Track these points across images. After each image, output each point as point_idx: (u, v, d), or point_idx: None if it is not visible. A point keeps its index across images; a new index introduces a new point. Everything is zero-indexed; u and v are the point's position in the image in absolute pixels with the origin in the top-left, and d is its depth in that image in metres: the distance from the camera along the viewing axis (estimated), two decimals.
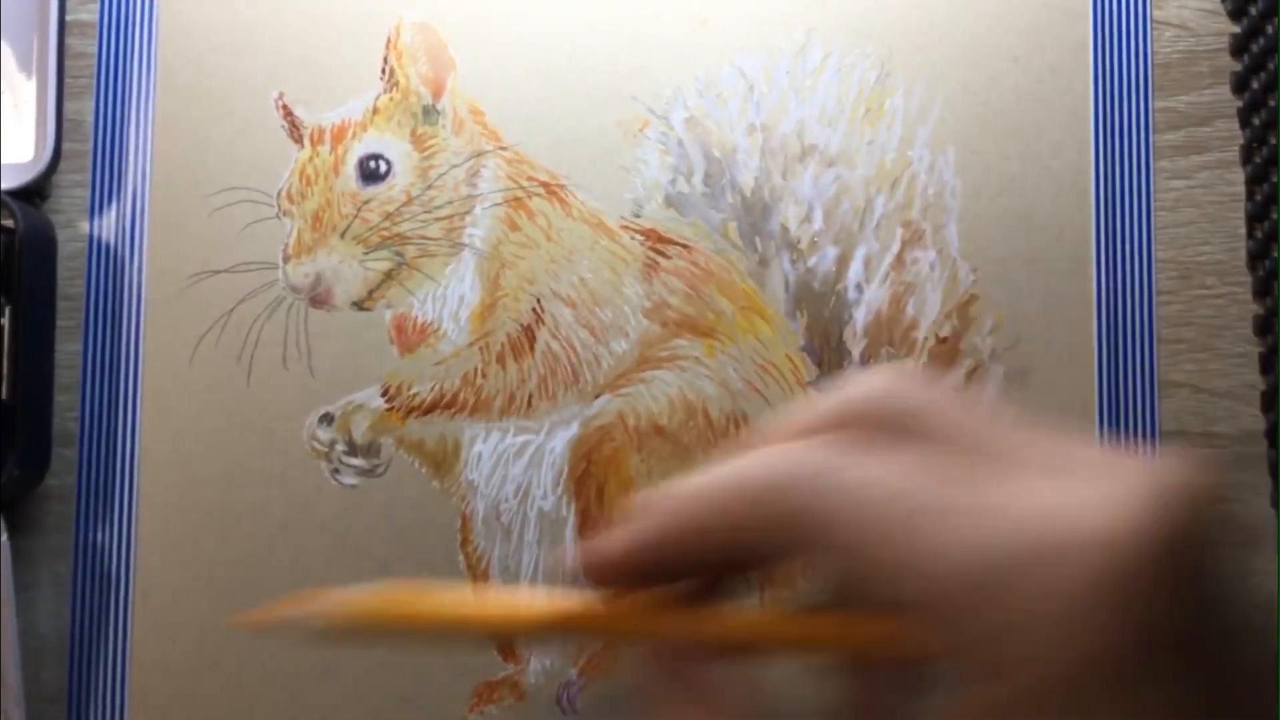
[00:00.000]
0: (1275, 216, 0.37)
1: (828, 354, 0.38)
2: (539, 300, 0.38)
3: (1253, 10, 0.38)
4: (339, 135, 0.38)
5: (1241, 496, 0.37)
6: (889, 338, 0.38)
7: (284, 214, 0.38)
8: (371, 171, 0.38)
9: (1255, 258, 0.38)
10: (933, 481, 0.22)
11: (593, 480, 0.38)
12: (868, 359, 0.38)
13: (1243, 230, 0.38)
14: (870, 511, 0.22)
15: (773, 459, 0.23)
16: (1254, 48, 0.38)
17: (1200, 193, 0.38)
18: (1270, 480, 0.37)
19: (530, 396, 0.38)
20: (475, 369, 0.38)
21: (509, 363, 0.38)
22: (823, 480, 0.22)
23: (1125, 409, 0.38)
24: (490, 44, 0.39)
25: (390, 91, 0.38)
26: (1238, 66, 0.38)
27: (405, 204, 0.38)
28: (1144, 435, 0.37)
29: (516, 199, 0.38)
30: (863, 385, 0.24)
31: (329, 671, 0.37)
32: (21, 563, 0.38)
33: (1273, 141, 0.37)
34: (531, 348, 0.38)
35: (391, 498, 0.38)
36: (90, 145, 0.39)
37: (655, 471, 0.38)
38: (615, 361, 0.38)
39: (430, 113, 0.38)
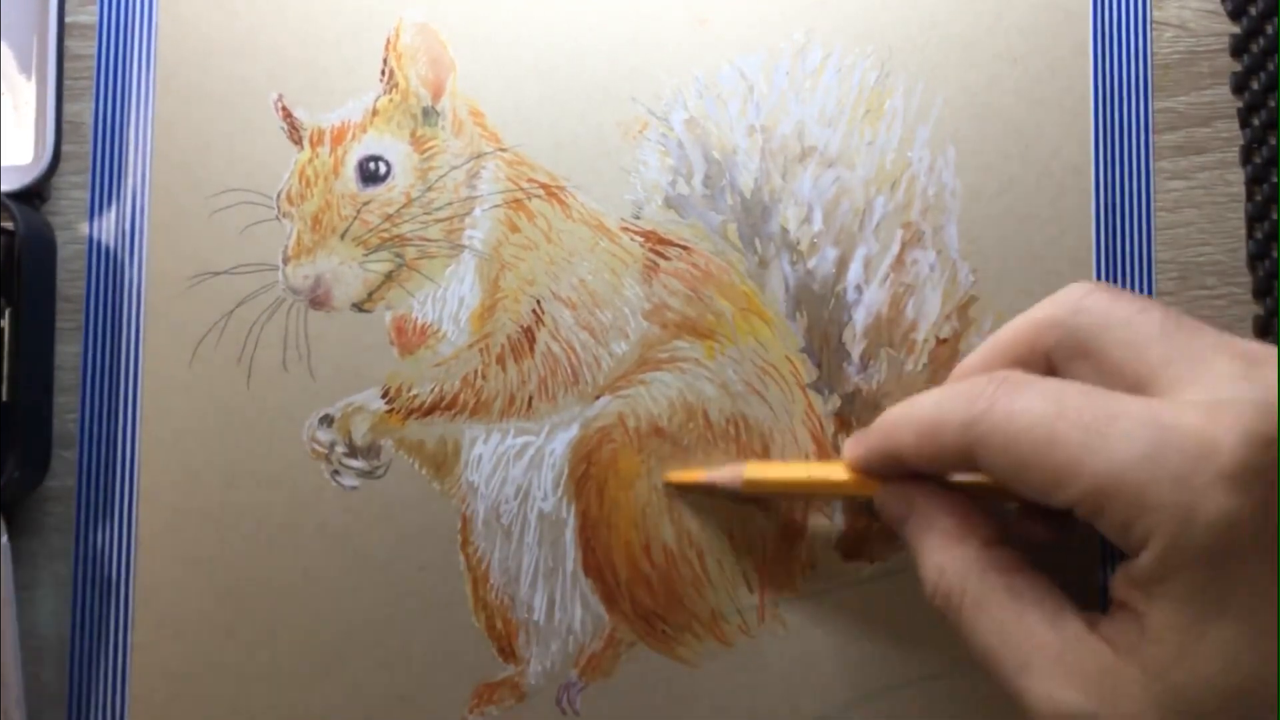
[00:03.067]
0: (1275, 216, 0.37)
1: (827, 355, 0.38)
2: (539, 302, 0.38)
3: (1253, 10, 0.38)
4: (339, 137, 0.38)
5: None
6: (889, 339, 0.38)
7: (284, 216, 0.38)
8: (371, 173, 0.38)
9: (1255, 258, 0.38)
10: (1073, 405, 0.28)
11: (593, 481, 0.38)
12: (867, 360, 0.38)
13: (1243, 230, 0.38)
14: (1020, 438, 0.29)
15: (944, 400, 0.31)
16: (1254, 48, 0.38)
17: (1200, 193, 0.38)
18: None
19: (530, 398, 0.38)
20: (475, 370, 0.38)
21: (509, 364, 0.38)
22: (979, 421, 0.29)
23: None
24: (490, 45, 0.39)
25: (390, 93, 0.38)
26: (1238, 67, 0.38)
27: (405, 205, 0.38)
28: None
29: (516, 201, 0.38)
30: (1050, 307, 0.32)
31: (329, 671, 0.37)
32: (21, 563, 0.38)
33: (1273, 141, 0.37)
34: (531, 349, 0.38)
35: (392, 499, 0.38)
36: (90, 147, 0.39)
37: (655, 472, 0.38)
38: (615, 363, 0.38)
39: (430, 114, 0.38)
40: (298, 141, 0.38)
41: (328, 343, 0.38)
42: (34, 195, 0.38)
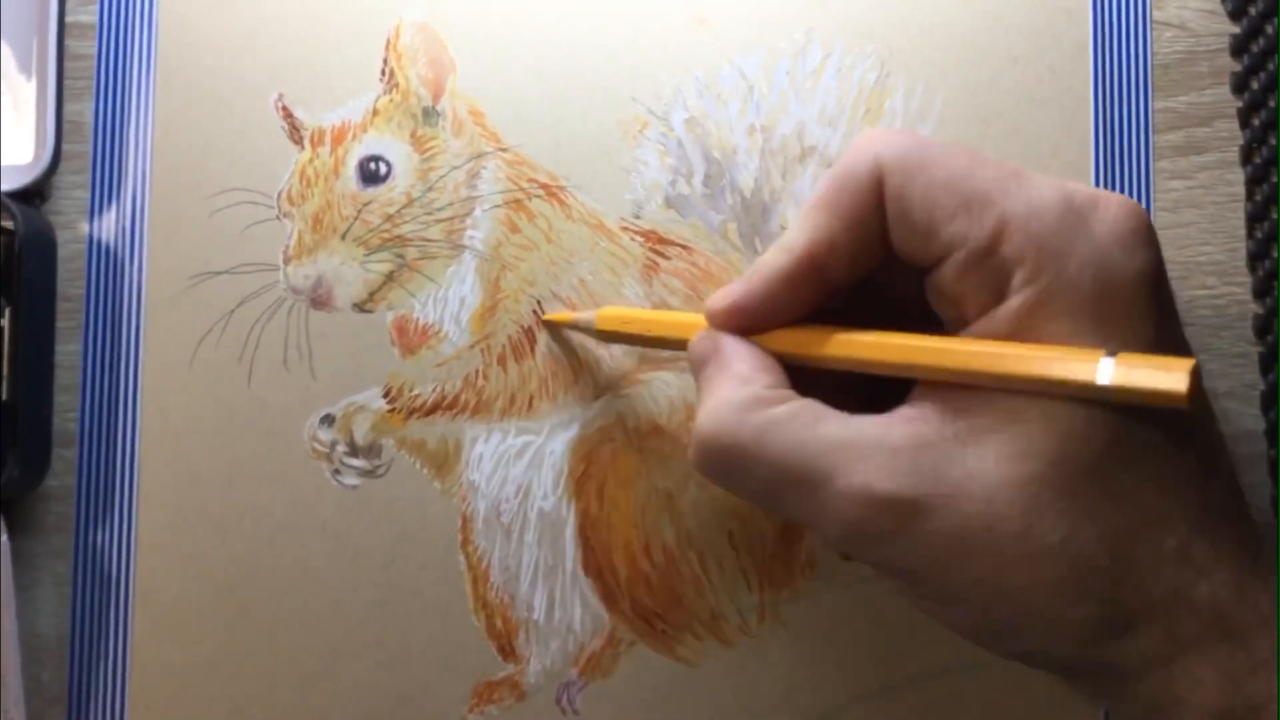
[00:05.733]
0: (1275, 216, 0.37)
1: None
2: (539, 302, 0.38)
3: (1253, 10, 0.38)
4: (339, 137, 0.38)
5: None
6: None
7: (284, 215, 0.38)
8: (372, 173, 0.38)
9: (1255, 258, 0.38)
10: (984, 157, 0.29)
11: (593, 481, 0.38)
12: None
13: (1243, 230, 0.38)
14: (936, 164, 0.29)
15: (848, 160, 0.30)
16: (1254, 48, 0.38)
17: (1200, 193, 0.38)
18: (1270, 480, 0.37)
19: (531, 398, 0.38)
20: (476, 370, 0.38)
21: (510, 364, 0.38)
22: (894, 151, 0.29)
23: None
24: (490, 45, 0.39)
25: (390, 93, 0.38)
26: (1238, 67, 0.38)
27: (406, 206, 0.38)
28: None
29: (517, 201, 0.38)
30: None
31: (329, 671, 0.37)
32: (21, 563, 0.38)
33: (1273, 141, 0.38)
34: (532, 349, 0.38)
35: (392, 498, 0.38)
36: (90, 146, 0.39)
37: (655, 472, 0.38)
38: (615, 363, 0.38)
39: (430, 114, 0.38)
40: (298, 141, 0.38)
41: (329, 343, 0.38)
42: (34, 194, 0.38)
